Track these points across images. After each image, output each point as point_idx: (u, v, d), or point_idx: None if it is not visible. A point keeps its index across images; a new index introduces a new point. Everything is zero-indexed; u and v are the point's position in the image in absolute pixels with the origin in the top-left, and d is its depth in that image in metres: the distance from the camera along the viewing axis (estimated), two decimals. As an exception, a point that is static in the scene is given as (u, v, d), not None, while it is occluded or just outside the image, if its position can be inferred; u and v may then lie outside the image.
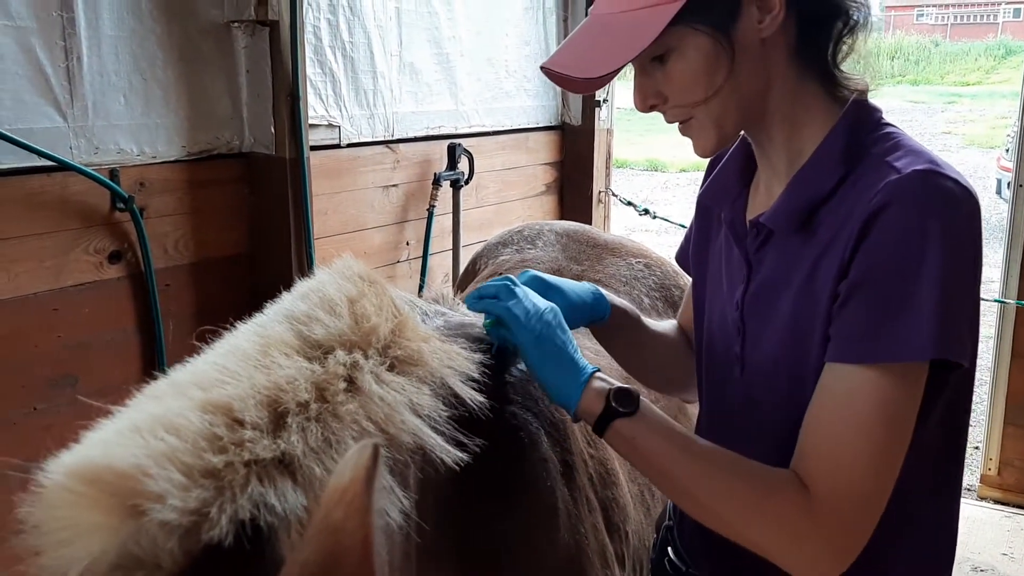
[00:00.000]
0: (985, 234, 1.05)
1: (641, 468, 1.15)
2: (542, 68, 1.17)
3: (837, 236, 1.06)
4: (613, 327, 1.36)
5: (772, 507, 1.03)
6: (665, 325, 1.52)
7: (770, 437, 1.16)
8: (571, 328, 1.25)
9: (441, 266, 3.65)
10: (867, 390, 1.00)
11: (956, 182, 1.01)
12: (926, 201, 0.99)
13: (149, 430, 0.72)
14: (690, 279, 1.45)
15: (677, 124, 1.17)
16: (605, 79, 1.11)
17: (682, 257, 1.49)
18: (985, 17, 36.41)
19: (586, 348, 1.81)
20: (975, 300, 1.06)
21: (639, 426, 1.10)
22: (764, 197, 1.21)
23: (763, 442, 1.16)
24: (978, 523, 3.55)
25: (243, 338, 0.96)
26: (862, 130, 1.11)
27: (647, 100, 1.15)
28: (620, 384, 1.12)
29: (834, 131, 1.11)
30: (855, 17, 1.12)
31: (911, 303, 0.98)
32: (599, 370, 1.15)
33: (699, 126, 1.14)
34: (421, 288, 3.50)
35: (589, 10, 1.16)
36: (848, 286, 1.03)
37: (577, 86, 1.18)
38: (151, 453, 0.71)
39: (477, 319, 1.26)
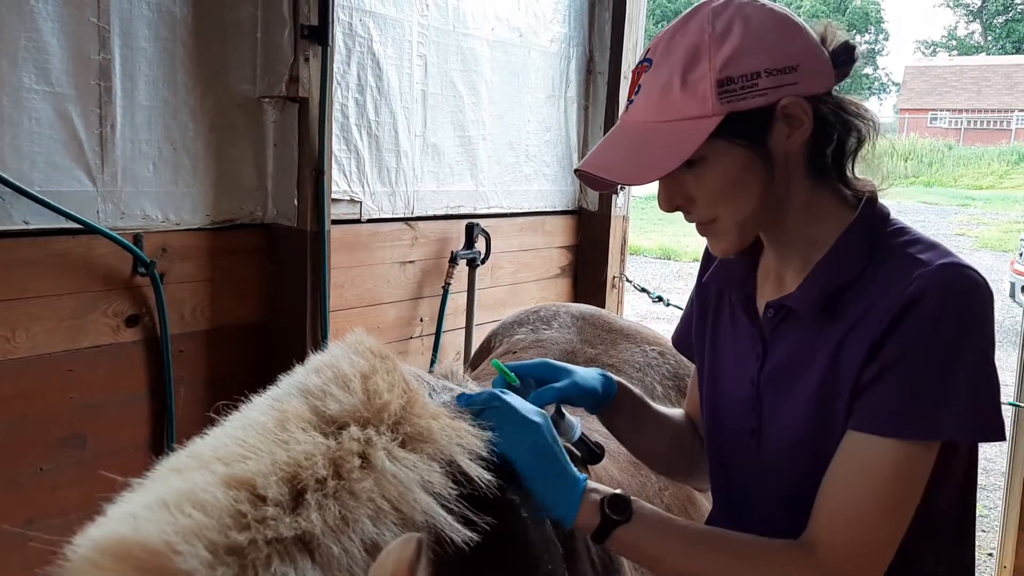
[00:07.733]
0: (998, 336, 1.12)
1: (647, 566, 1.18)
2: (578, 171, 1.22)
3: (865, 318, 1.12)
4: (619, 409, 1.39)
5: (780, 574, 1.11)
6: (674, 411, 1.54)
7: (785, 512, 1.19)
8: (579, 408, 1.31)
9: (453, 344, 3.66)
10: (886, 460, 1.08)
11: (976, 272, 1.11)
12: (959, 292, 1.08)
13: (176, 505, 0.73)
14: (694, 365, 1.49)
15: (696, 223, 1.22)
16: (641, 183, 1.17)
17: (682, 342, 1.53)
18: (999, 123, 36.88)
19: (595, 431, 1.80)
20: (997, 378, 1.13)
21: (637, 530, 1.13)
22: (775, 281, 1.28)
23: (777, 518, 1.19)
24: (991, 634, 3.46)
25: (259, 411, 0.96)
26: (877, 225, 1.20)
27: (674, 202, 1.20)
28: (611, 491, 1.15)
29: (852, 227, 1.19)
30: (864, 131, 1.21)
31: (948, 386, 1.06)
32: (587, 479, 1.16)
33: (723, 228, 1.20)
34: (432, 365, 3.49)
35: (622, 115, 1.20)
36: (882, 364, 1.09)
37: (605, 186, 1.23)
38: (179, 529, 0.71)
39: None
